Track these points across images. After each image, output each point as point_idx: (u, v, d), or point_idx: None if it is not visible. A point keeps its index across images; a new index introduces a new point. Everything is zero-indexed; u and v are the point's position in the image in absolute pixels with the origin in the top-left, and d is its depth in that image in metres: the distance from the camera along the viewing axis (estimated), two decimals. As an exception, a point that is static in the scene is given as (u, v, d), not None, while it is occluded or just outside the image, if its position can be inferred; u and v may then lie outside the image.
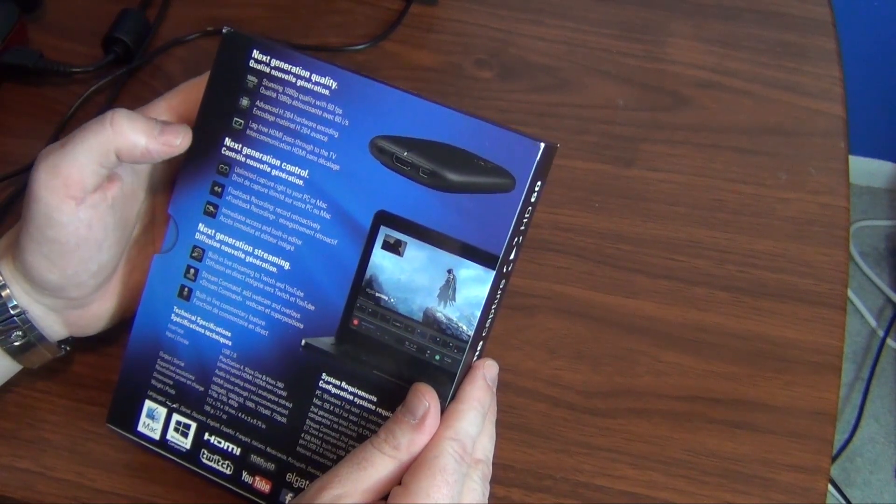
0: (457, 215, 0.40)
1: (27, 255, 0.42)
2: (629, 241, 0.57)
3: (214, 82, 0.43)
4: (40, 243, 0.41)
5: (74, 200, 0.40)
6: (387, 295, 0.41)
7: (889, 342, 1.56)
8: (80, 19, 0.67)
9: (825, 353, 0.53)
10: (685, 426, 0.50)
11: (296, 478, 0.43)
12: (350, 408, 0.42)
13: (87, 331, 0.47)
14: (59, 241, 0.41)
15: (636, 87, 0.65)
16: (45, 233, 0.41)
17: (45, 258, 0.41)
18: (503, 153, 0.39)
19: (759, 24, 0.70)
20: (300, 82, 0.42)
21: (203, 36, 0.67)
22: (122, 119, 0.40)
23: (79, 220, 0.41)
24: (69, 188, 0.40)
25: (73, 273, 0.42)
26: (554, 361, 0.52)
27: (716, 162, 0.62)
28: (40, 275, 0.42)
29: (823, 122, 0.64)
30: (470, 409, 0.40)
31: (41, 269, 0.42)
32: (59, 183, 0.40)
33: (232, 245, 0.44)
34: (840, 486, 1.40)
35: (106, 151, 0.40)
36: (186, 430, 0.45)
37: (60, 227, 0.41)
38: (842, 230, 0.58)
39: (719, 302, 0.55)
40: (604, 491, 0.48)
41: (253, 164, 0.43)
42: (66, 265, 0.42)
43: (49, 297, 0.44)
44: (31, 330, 0.44)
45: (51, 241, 0.41)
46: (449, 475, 0.37)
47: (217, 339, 0.44)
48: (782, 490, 0.48)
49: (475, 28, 0.69)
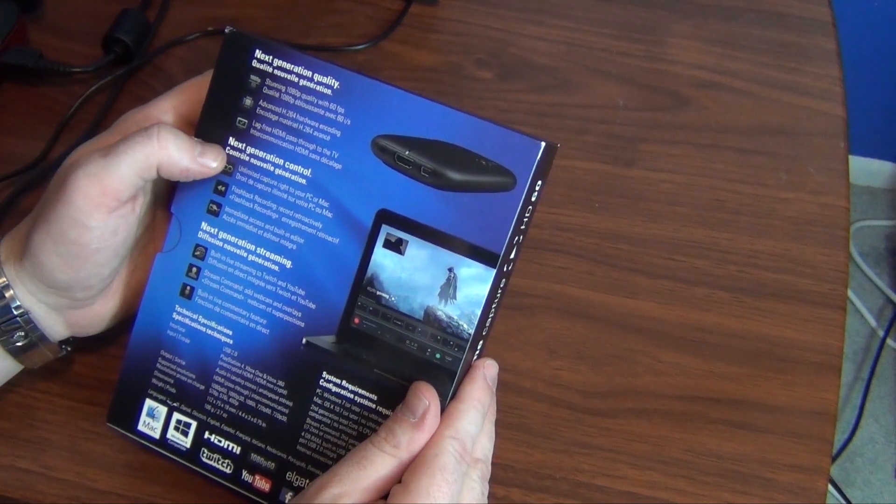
0: (458, 214, 0.40)
1: (40, 252, 0.42)
2: (629, 241, 0.57)
3: (217, 82, 0.43)
4: (58, 243, 0.41)
5: (108, 209, 0.41)
6: (388, 293, 0.41)
7: (889, 342, 1.56)
8: (80, 19, 0.67)
9: (825, 353, 0.53)
10: (685, 426, 0.50)
11: (296, 476, 0.43)
12: (350, 406, 0.42)
13: (89, 331, 0.47)
14: (80, 243, 0.41)
15: (636, 87, 0.66)
16: (67, 234, 0.41)
17: (60, 258, 0.41)
18: (504, 152, 0.39)
19: (759, 24, 0.70)
20: (302, 82, 0.42)
21: (203, 36, 0.67)
22: (167, 135, 0.41)
23: (106, 227, 0.41)
24: (106, 197, 0.40)
25: (84, 276, 0.43)
26: (554, 361, 0.52)
27: (716, 162, 0.62)
28: (51, 274, 0.42)
29: (823, 122, 0.64)
30: (470, 409, 0.40)
31: (53, 267, 0.42)
32: (97, 191, 0.40)
33: (234, 244, 0.44)
34: (840, 486, 1.40)
35: (148, 166, 0.41)
36: (187, 428, 0.45)
37: (87, 231, 0.41)
38: (842, 230, 0.59)
39: (719, 302, 0.55)
40: (604, 491, 0.48)
41: (256, 163, 0.43)
42: (79, 267, 0.42)
43: (53, 297, 0.44)
44: (33, 330, 0.44)
45: (71, 242, 0.41)
46: (449, 474, 0.37)
47: (218, 338, 0.44)
48: (782, 490, 0.48)
49: (475, 28, 0.69)
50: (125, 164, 0.40)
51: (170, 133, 0.41)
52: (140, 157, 0.40)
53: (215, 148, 0.43)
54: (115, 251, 0.43)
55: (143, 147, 0.40)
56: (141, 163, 0.40)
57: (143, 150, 0.40)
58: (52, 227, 0.41)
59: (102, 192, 0.40)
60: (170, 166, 0.41)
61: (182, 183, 0.44)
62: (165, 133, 0.41)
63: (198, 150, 0.42)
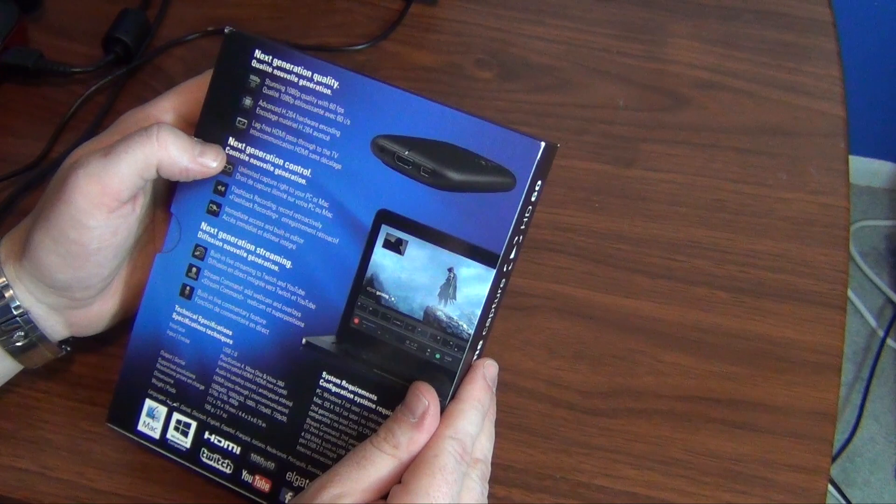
0: (457, 214, 0.40)
1: (40, 252, 0.42)
2: (629, 241, 0.57)
3: (217, 82, 0.43)
4: (59, 243, 0.41)
5: (108, 208, 0.41)
6: (387, 293, 0.41)
7: (889, 342, 1.56)
8: (80, 19, 0.67)
9: (825, 353, 0.53)
10: (685, 426, 0.50)
11: (296, 476, 0.43)
12: (350, 406, 0.42)
13: (89, 330, 0.47)
14: (80, 243, 0.41)
15: (636, 87, 0.66)
16: (68, 234, 0.41)
17: (60, 258, 0.41)
18: (504, 152, 0.39)
19: (759, 24, 0.70)
20: (302, 82, 0.42)
21: (203, 36, 0.67)
22: (167, 135, 0.41)
23: (106, 227, 0.41)
24: (106, 196, 0.40)
25: (85, 276, 0.43)
26: (554, 361, 0.52)
27: (716, 162, 0.62)
28: (51, 273, 0.42)
29: (823, 122, 0.64)
30: (470, 409, 0.40)
31: (53, 267, 0.42)
32: (97, 190, 0.40)
33: (234, 244, 0.44)
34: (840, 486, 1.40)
35: (148, 165, 0.41)
36: (187, 429, 0.45)
37: (87, 231, 0.41)
38: (842, 230, 0.59)
39: (719, 302, 0.55)
40: (604, 491, 0.48)
41: (256, 164, 0.43)
42: (80, 267, 0.42)
43: (52, 297, 0.44)
44: (33, 330, 0.44)
45: (72, 242, 0.41)
46: (448, 474, 0.37)
47: (218, 338, 0.44)
48: (782, 490, 0.48)
49: (475, 28, 0.69)
50: (125, 163, 0.40)
51: (170, 133, 0.41)
52: (140, 156, 0.40)
53: (215, 148, 0.43)
54: (114, 251, 0.43)
55: (143, 147, 0.40)
56: (141, 162, 0.40)
57: (142, 150, 0.40)
58: (51, 227, 0.41)
59: (102, 192, 0.40)
60: (170, 166, 0.41)
61: (182, 183, 0.44)
62: (165, 132, 0.41)
63: (198, 149, 0.42)
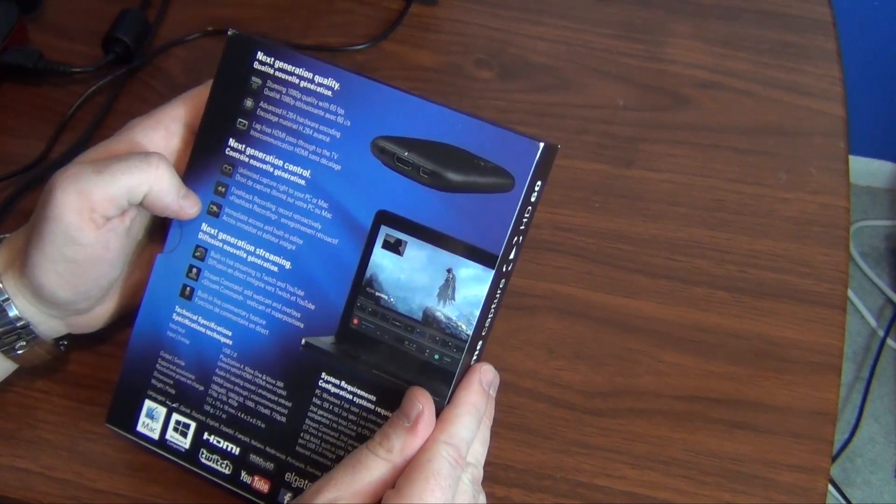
0: (457, 215, 0.40)
1: (39, 273, 0.42)
2: (629, 241, 0.57)
3: (219, 84, 0.43)
4: (56, 262, 0.41)
5: (95, 224, 0.41)
6: (387, 294, 0.41)
7: (889, 342, 1.56)
8: (80, 19, 0.67)
9: (825, 353, 0.53)
10: (685, 426, 0.50)
11: (295, 477, 0.43)
12: (349, 407, 0.42)
13: (87, 330, 0.47)
14: (76, 260, 0.41)
15: (636, 87, 0.66)
16: (63, 252, 0.41)
17: (59, 276, 0.42)
18: (503, 153, 0.39)
19: (759, 24, 0.70)
20: (303, 83, 0.42)
21: (203, 36, 0.67)
22: (166, 169, 0.42)
23: (97, 242, 0.41)
24: (94, 213, 0.40)
25: (85, 290, 0.43)
26: (554, 361, 0.52)
27: (716, 162, 0.62)
28: (52, 293, 0.42)
29: (823, 122, 0.64)
30: (465, 414, 0.40)
31: (53, 286, 0.42)
32: (86, 206, 0.40)
33: (234, 244, 0.44)
34: (840, 486, 1.40)
35: (139, 191, 0.41)
36: (186, 429, 0.45)
37: (80, 247, 0.41)
38: (842, 230, 0.59)
39: (719, 302, 0.55)
40: (604, 491, 0.48)
41: (256, 165, 0.43)
42: (79, 283, 0.42)
43: (55, 309, 0.44)
44: (34, 339, 0.44)
45: (68, 260, 0.41)
46: (442, 479, 0.37)
47: (218, 339, 0.44)
48: (782, 490, 0.48)
49: (475, 28, 0.69)
50: (118, 183, 0.40)
51: (168, 167, 0.42)
52: (134, 181, 0.41)
53: (195, 197, 0.44)
54: (111, 264, 0.43)
55: (141, 172, 0.41)
56: (134, 187, 0.41)
57: (139, 175, 0.41)
58: (46, 247, 0.41)
59: (91, 208, 0.40)
60: (156, 198, 0.42)
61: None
62: (165, 166, 0.41)
63: (182, 192, 0.43)
